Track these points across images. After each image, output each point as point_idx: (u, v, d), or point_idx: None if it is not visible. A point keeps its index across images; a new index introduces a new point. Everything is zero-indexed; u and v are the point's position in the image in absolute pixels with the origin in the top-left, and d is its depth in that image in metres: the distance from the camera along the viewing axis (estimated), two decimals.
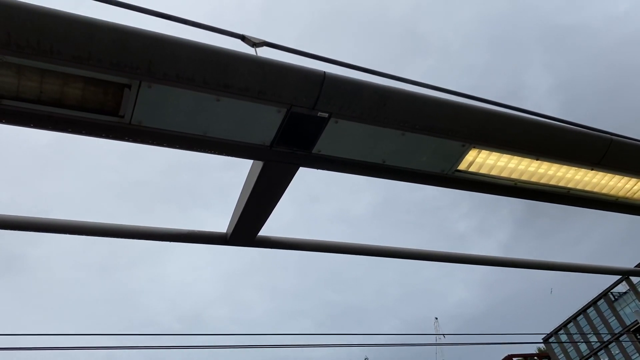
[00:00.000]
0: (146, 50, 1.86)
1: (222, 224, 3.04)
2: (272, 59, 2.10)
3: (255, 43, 2.28)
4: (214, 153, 2.28)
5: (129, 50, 1.84)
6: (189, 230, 2.87)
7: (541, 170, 2.93)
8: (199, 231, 2.90)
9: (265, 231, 3.10)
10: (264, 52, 2.23)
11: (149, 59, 1.87)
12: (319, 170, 2.62)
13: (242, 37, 2.31)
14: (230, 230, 2.88)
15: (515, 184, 2.96)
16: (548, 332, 70.30)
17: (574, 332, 66.27)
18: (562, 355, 69.23)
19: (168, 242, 2.92)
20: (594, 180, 3.13)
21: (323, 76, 2.16)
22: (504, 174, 2.88)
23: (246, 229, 2.88)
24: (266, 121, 2.21)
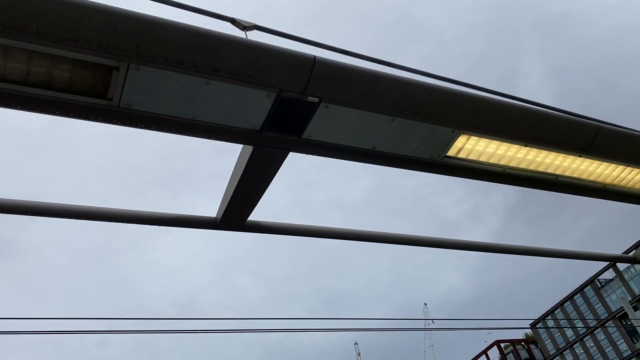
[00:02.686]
0: (135, 33, 1.85)
1: (215, 210, 3.04)
2: (262, 43, 2.09)
3: (245, 26, 2.26)
4: (204, 137, 2.27)
5: (117, 32, 1.83)
6: (178, 214, 2.87)
7: (530, 157, 2.96)
8: (188, 215, 2.90)
9: (258, 216, 3.11)
10: (254, 36, 2.22)
11: (138, 41, 1.86)
12: (313, 156, 2.63)
13: (232, 21, 2.29)
14: (220, 215, 2.88)
15: (504, 170, 2.99)
16: (535, 318, 71.40)
17: (561, 318, 67.36)
18: (549, 340, 70.44)
19: (160, 227, 2.92)
20: (582, 167, 3.16)
21: (313, 60, 2.15)
22: (493, 160, 2.90)
23: (236, 214, 2.88)
24: (256, 105, 2.21)
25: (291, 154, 2.56)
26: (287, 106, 2.24)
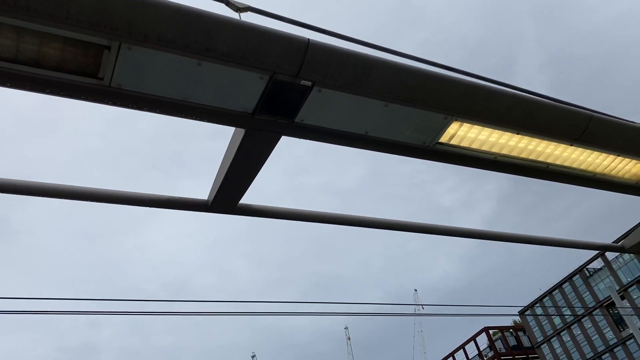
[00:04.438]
0: (127, 11, 1.82)
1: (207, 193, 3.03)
2: (255, 24, 2.07)
3: (239, 8, 2.24)
4: (195, 119, 2.26)
5: (109, 10, 1.80)
6: (169, 196, 2.86)
7: (521, 145, 2.97)
8: (179, 197, 2.90)
9: (250, 200, 3.11)
10: (248, 17, 2.20)
11: (130, 19, 1.84)
12: (308, 141, 2.63)
13: (226, 2, 2.27)
14: (212, 198, 2.88)
15: (496, 157, 3.00)
16: (524, 306, 72.26)
17: (549, 306, 68.20)
18: (537, 328, 71.38)
19: (152, 209, 2.92)
20: (573, 155, 3.18)
21: (307, 43, 2.14)
22: (485, 148, 2.91)
23: (227, 197, 2.88)
24: (248, 88, 2.20)
25: (284, 137, 2.55)
26: (279, 89, 2.23)
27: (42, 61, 1.93)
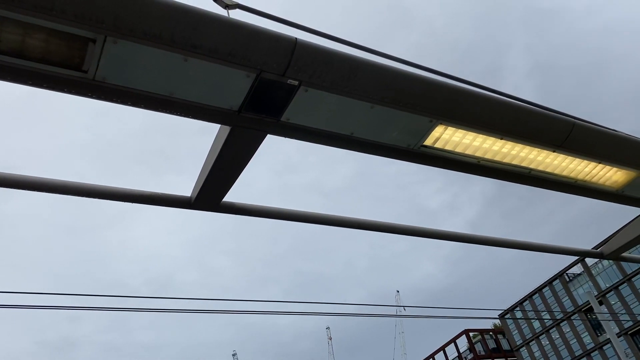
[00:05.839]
0: (113, 4, 1.80)
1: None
2: (243, 22, 2.07)
3: (227, 5, 2.23)
4: (180, 115, 2.24)
5: (94, 3, 1.78)
6: (152, 192, 2.83)
7: (505, 150, 3.00)
8: (162, 194, 2.87)
9: (236, 197, 3.10)
10: (237, 15, 2.19)
11: (116, 12, 1.82)
12: (296, 140, 2.62)
13: None
14: (195, 195, 2.86)
15: (479, 161, 3.03)
16: (504, 309, 73.02)
17: (529, 310, 69.02)
18: (516, 331, 72.20)
19: (134, 204, 2.89)
20: (555, 162, 3.22)
21: (294, 43, 2.14)
22: (469, 152, 2.93)
23: (211, 194, 2.86)
24: (235, 86, 2.19)
25: (269, 136, 2.55)
26: (266, 88, 2.22)
27: (26, 52, 1.90)
